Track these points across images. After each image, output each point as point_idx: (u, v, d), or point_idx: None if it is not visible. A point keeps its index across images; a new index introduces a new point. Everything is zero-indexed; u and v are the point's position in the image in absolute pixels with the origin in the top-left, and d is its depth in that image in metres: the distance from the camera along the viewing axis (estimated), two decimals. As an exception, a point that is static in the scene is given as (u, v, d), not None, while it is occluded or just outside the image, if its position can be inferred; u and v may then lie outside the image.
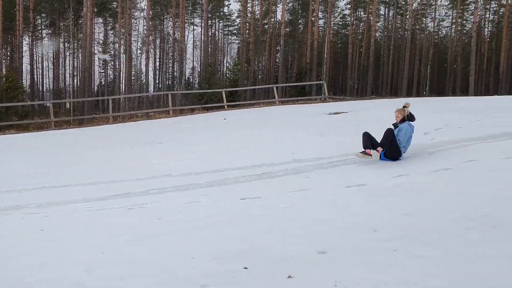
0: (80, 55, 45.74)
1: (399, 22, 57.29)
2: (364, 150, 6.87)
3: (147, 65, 40.18)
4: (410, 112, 7.07)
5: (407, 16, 48.27)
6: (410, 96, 39.35)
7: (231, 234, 3.92)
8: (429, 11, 58.53)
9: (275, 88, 25.99)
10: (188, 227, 4.30)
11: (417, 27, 53.31)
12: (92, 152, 11.58)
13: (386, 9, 58.21)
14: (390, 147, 6.74)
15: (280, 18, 50.52)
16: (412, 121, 7.06)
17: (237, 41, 65.12)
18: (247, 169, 7.43)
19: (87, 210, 5.56)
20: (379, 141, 6.86)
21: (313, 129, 10.77)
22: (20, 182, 8.01)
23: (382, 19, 58.49)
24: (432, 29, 60.35)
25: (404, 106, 7.09)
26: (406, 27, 49.22)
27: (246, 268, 3.03)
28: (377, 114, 12.65)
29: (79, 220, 5.12)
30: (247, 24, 49.53)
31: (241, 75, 37.29)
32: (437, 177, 5.30)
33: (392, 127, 7.02)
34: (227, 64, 62.74)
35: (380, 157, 6.85)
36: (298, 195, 5.31)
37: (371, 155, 6.80)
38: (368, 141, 6.87)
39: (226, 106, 22.96)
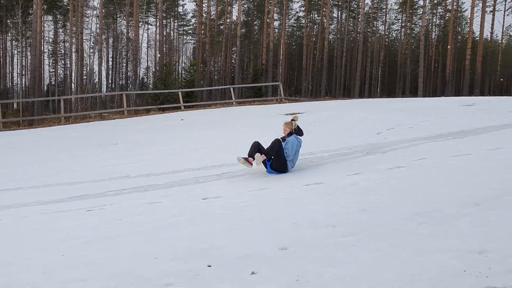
0: (29, 53, 44.09)
1: (351, 25, 58.82)
2: (247, 157, 6.51)
3: (100, 64, 39.13)
4: (298, 126, 6.82)
5: (359, 19, 49.61)
6: (362, 97, 40.51)
7: (193, 233, 3.95)
8: (380, 14, 60.49)
9: (232, 89, 26.09)
10: (149, 227, 4.29)
11: (368, 30, 54.89)
12: (44, 154, 11.24)
13: (339, 12, 59.63)
14: (277, 160, 6.49)
15: (236, 19, 50.69)
16: (299, 135, 6.81)
17: (193, 41, 64.74)
18: (207, 169, 7.45)
19: (42, 213, 5.40)
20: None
21: (270, 129, 10.89)
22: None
23: (335, 22, 59.83)
24: (383, 32, 62.42)
25: (292, 120, 6.85)
26: (359, 30, 50.64)
27: (210, 266, 3.08)
28: (331, 114, 13.00)
29: (35, 223, 4.98)
30: (203, 24, 49.30)
31: (197, 76, 37.09)
32: (391, 175, 5.53)
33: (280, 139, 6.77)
34: (183, 64, 62.24)
35: (266, 168, 6.63)
36: (258, 194, 5.40)
37: (252, 164, 6.42)
38: (255, 151, 6.47)
39: (182, 107, 22.80)
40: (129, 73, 51.73)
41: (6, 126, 20.01)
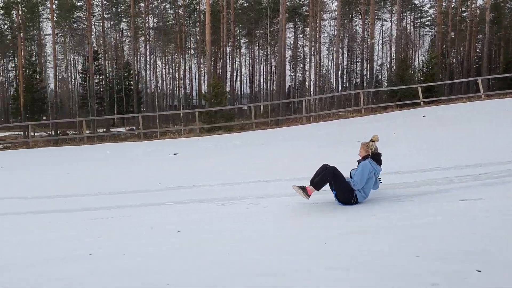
0: (273, 60, 48.99)
1: None
2: (303, 185, 5.38)
3: (337, 65, 40.72)
4: (376, 148, 5.59)
5: None
6: None
7: (454, 235, 3.73)
8: None
9: (480, 81, 23.73)
10: (405, 224, 4.24)
11: None
12: (295, 149, 12.27)
13: None
14: (339, 189, 5.35)
15: (482, 3, 45.80)
16: (377, 162, 5.53)
17: (430, 33, 61.30)
18: (458, 169, 6.94)
19: (286, 205, 5.90)
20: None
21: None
22: (240, 175, 8.93)
23: None
24: None
25: (370, 140, 5.62)
26: None
27: (479, 271, 2.87)
28: None
29: (295, 211, 5.49)
30: (443, 14, 46.08)
31: (437, 69, 34.96)
32: None
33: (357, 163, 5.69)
34: (421, 57, 59.54)
35: (334, 198, 5.51)
36: (529, 197, 4.76)
37: (309, 195, 5.31)
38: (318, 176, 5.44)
39: (422, 103, 21.88)
40: (364, 71, 52.34)
41: (257, 126, 22.78)
